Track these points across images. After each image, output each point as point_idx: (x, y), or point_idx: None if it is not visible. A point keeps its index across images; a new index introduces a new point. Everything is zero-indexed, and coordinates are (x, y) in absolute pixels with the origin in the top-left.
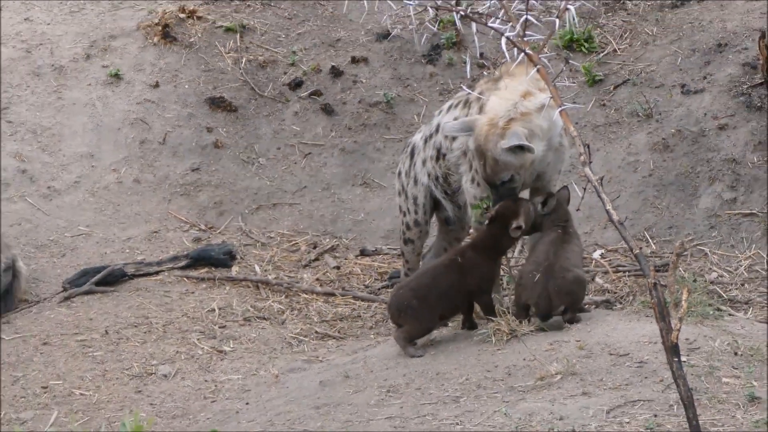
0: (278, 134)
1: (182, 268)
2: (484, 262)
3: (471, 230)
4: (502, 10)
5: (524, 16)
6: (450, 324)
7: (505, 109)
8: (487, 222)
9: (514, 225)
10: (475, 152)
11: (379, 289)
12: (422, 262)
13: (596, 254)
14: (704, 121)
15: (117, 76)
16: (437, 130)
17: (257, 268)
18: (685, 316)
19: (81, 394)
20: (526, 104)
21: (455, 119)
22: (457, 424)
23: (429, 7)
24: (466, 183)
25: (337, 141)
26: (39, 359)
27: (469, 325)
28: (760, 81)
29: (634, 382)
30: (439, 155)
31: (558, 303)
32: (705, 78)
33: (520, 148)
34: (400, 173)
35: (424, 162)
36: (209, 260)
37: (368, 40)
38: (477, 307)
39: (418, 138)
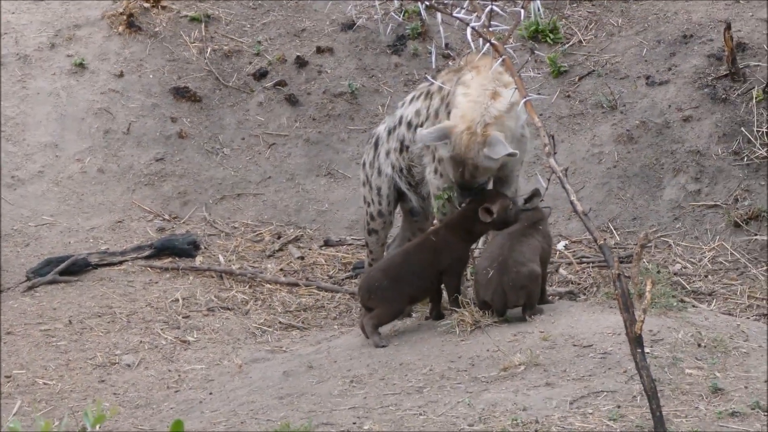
0: (242, 124)
1: (146, 257)
2: (457, 242)
3: (435, 221)
4: (467, 1)
5: (489, 7)
6: (414, 315)
7: (479, 113)
8: (464, 204)
9: (484, 206)
10: (450, 160)
11: (342, 279)
12: (386, 253)
13: (560, 245)
14: (669, 112)
15: (81, 66)
16: (401, 122)
17: (221, 258)
18: (648, 307)
19: (44, 384)
20: (497, 106)
21: (417, 111)
22: (421, 414)
23: None
24: (430, 174)
25: (301, 131)
26: (2, 349)
27: (436, 314)
28: (724, 73)
29: (597, 373)
30: (403, 147)
31: (513, 299)
32: (670, 69)
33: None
34: (364, 164)
35: (387, 153)
36: (173, 250)
37: (333, 30)
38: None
39: (382, 129)
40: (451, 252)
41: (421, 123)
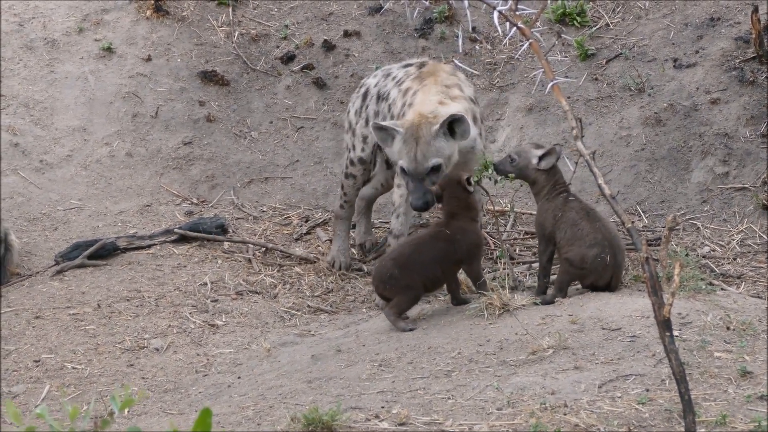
0: (270, 108)
1: (174, 241)
2: (469, 227)
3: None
4: None
5: None
6: (442, 298)
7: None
8: (438, 194)
9: (465, 178)
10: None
11: (370, 259)
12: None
13: None
14: (696, 95)
15: (109, 50)
16: (381, 97)
17: None
18: (677, 290)
19: (73, 368)
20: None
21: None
22: (449, 398)
23: None
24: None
25: (329, 115)
26: (31, 333)
27: (456, 302)
28: (752, 55)
29: (626, 356)
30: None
31: (622, 274)
32: (697, 52)
33: None
34: (349, 111)
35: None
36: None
37: (360, 13)
38: (468, 282)
39: (372, 82)
40: (467, 239)
41: None
